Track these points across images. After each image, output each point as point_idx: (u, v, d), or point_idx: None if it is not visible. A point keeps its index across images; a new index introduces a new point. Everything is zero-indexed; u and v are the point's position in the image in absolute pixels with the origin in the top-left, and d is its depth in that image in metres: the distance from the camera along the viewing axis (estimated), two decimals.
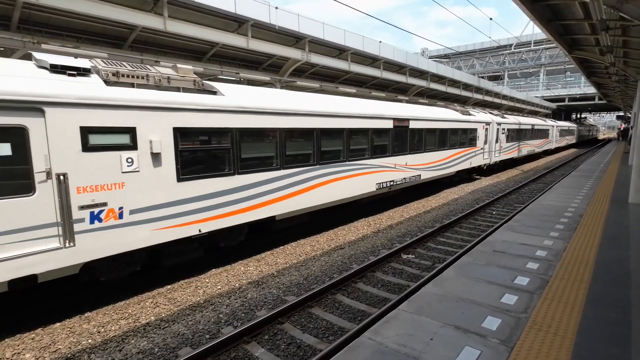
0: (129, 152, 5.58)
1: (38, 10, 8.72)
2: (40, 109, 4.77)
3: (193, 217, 6.47)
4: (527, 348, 3.04)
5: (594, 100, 45.28)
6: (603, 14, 8.87)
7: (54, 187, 4.92)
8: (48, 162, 4.86)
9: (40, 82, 4.86)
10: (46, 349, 4.75)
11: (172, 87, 6.32)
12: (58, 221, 4.98)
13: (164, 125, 5.97)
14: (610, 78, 19.70)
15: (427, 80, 23.09)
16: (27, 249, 4.75)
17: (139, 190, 5.74)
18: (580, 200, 9.14)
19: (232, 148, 6.95)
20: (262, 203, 7.65)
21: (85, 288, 6.39)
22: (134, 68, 6.06)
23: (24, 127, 4.68)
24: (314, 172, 8.76)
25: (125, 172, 5.57)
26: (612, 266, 4.80)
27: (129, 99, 5.55)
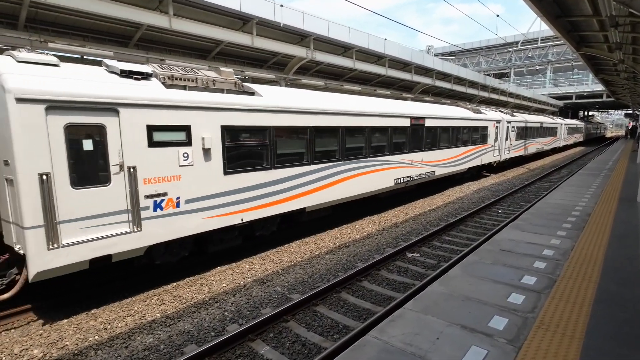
0: (185, 148, 6.27)
1: (45, 9, 8.76)
2: (115, 109, 5.43)
3: (236, 207, 7.17)
4: (534, 348, 3.01)
5: (601, 98, 44.72)
6: (612, 10, 8.74)
7: (126, 179, 5.59)
8: (121, 156, 5.53)
9: (114, 86, 5.50)
10: (54, 345, 4.80)
11: (216, 89, 6.90)
12: (128, 208, 5.65)
13: (214, 123, 6.64)
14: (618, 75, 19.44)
15: (432, 78, 22.93)
16: (104, 232, 5.41)
17: (192, 182, 6.42)
18: (588, 199, 9.04)
19: (269, 145, 7.62)
20: (295, 195, 8.31)
21: (91, 285, 6.44)
22: (185, 72, 6.72)
23: (102, 125, 5.35)
24: (339, 167, 9.40)
25: (182, 166, 6.26)
26: (621, 265, 4.74)
27: (186, 100, 6.23)
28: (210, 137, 6.56)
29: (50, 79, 4.98)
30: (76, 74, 5.34)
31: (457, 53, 55.69)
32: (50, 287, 6.17)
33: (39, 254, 4.86)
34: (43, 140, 4.82)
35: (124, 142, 5.53)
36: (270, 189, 7.74)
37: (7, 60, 5.00)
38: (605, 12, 8.93)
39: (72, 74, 5.28)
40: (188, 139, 6.29)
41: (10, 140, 4.65)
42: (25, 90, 4.67)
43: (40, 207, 4.83)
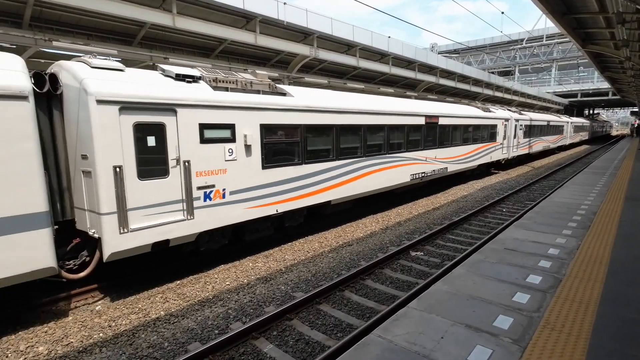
0: (229, 144, 6.92)
1: (49, 8, 8.79)
2: (174, 109, 6.05)
3: (272, 199, 7.82)
4: (540, 348, 2.99)
5: (607, 96, 44.32)
6: (620, 7, 8.65)
7: (181, 172, 6.21)
8: (178, 152, 6.15)
9: (172, 88, 6.13)
10: (59, 342, 4.83)
11: (253, 90, 7.51)
12: (183, 198, 6.28)
13: (254, 122, 7.29)
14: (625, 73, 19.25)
15: (436, 76, 22.82)
16: (164, 219, 6.05)
17: (236, 175, 7.07)
18: (593, 198, 8.96)
19: (300, 142, 8.27)
20: (322, 189, 8.98)
21: (94, 282, 6.48)
22: (226, 75, 7.36)
23: (163, 123, 5.96)
24: (360, 163, 10.04)
25: (227, 160, 6.92)
26: (628, 265, 4.69)
27: (230, 100, 6.87)
28: (251, 134, 7.21)
29: (121, 83, 5.59)
30: (139, 78, 5.98)
31: (461, 51, 55.38)
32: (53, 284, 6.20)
33: (112, 238, 5.49)
34: (117, 137, 5.44)
35: (180, 139, 6.17)
36: (300, 182, 8.39)
37: (83, 67, 5.56)
38: (612, 8, 8.84)
39: (136, 78, 5.91)
40: (232, 136, 6.95)
41: (90, 137, 5.24)
42: (103, 93, 5.28)
43: (114, 196, 5.46)
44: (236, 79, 7.31)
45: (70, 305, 5.93)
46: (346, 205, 10.36)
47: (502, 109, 21.35)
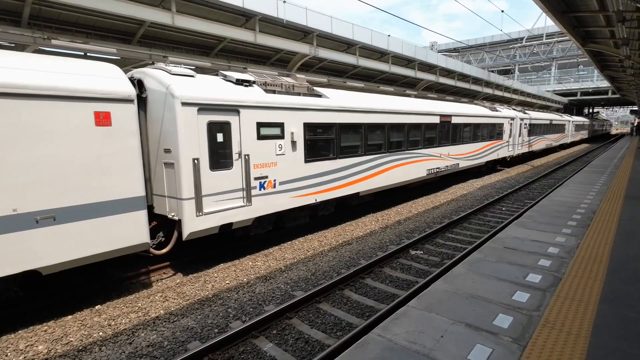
0: (279, 141, 7.80)
1: (48, 6, 8.76)
2: (237, 110, 6.93)
3: (312, 189, 8.72)
4: (540, 346, 2.99)
5: (607, 95, 44.31)
6: (620, 5, 8.63)
7: (242, 164, 7.12)
8: (240, 147, 7.04)
9: (235, 92, 6.99)
10: (58, 341, 4.82)
11: (295, 92, 8.35)
12: (243, 187, 7.17)
13: (298, 120, 8.17)
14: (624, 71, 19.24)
15: (436, 75, 22.79)
16: (228, 205, 6.95)
17: (284, 168, 7.97)
18: (593, 197, 8.96)
19: (335, 138, 9.18)
20: (352, 182, 9.87)
21: (94, 281, 6.48)
22: (273, 79, 8.19)
23: (229, 122, 6.83)
24: (384, 158, 10.95)
25: (277, 155, 7.80)
26: (628, 263, 4.69)
27: (280, 102, 7.75)
28: (296, 131, 8.12)
29: (197, 88, 6.46)
30: (208, 83, 6.85)
31: (461, 49, 55.28)
32: (52, 283, 6.20)
33: (190, 220, 6.38)
34: (195, 133, 6.32)
35: (242, 135, 7.06)
36: (334, 175, 9.33)
37: (165, 74, 6.43)
38: (613, 7, 8.82)
39: (205, 83, 6.77)
40: (282, 133, 7.84)
41: (175, 134, 6.11)
42: (186, 96, 6.18)
43: (192, 184, 6.32)
44: (281, 82, 8.18)
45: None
46: (368, 198, 11.21)
47: (508, 109, 22.05)
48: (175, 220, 6.46)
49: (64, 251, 5.06)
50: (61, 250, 5.02)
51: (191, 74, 6.78)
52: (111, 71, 5.68)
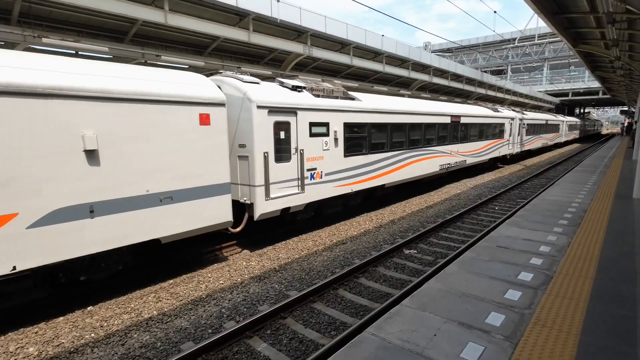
0: (325, 138, 9.09)
1: (38, 4, 8.65)
2: (295, 112, 8.24)
3: (349, 180, 9.99)
4: (531, 344, 3.02)
5: (597, 95, 44.87)
6: (610, 7, 8.74)
7: (298, 158, 8.41)
8: (296, 143, 8.35)
9: (292, 96, 8.28)
10: (49, 343, 4.77)
11: (334, 96, 9.59)
12: (298, 177, 8.48)
13: (339, 120, 9.46)
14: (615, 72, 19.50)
15: (429, 75, 22.91)
16: (287, 192, 8.24)
17: (329, 161, 9.27)
18: (584, 196, 9.08)
19: (367, 136, 10.48)
20: (380, 174, 11.16)
21: (87, 282, 6.41)
22: (317, 85, 9.51)
23: (289, 122, 8.14)
24: (404, 154, 12.23)
25: (324, 150, 9.11)
26: (617, 262, 4.76)
27: (326, 104, 9.07)
28: (338, 130, 9.43)
29: (265, 93, 7.71)
30: (271, 89, 8.05)
31: (454, 50, 55.63)
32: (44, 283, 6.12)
33: (261, 203, 7.65)
34: (266, 132, 7.59)
35: (299, 133, 8.34)
36: (366, 168, 10.56)
37: (239, 82, 7.74)
38: (603, 8, 8.94)
39: (269, 89, 8.01)
40: (327, 131, 9.12)
41: (251, 132, 7.39)
42: (260, 101, 7.44)
43: (263, 173, 7.59)
44: (323, 87, 9.44)
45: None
46: (389, 190, 12.41)
47: (508, 109, 23.39)
48: (246, 204, 7.73)
49: (177, 225, 6.26)
50: (175, 224, 6.24)
51: (257, 82, 8.07)
52: (204, 80, 6.84)
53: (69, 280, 5.61)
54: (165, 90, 5.95)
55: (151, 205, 5.84)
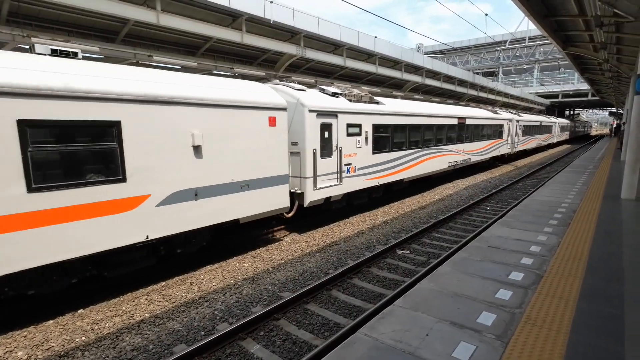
0: (358, 137, 10.41)
1: (27, 3, 8.54)
2: (336, 115, 9.56)
3: (376, 174, 11.40)
4: (522, 343, 3.06)
5: (587, 97, 45.59)
6: (597, 10, 8.89)
7: (338, 154, 9.72)
8: (336, 141, 9.66)
9: (333, 101, 9.65)
10: (39, 347, 4.70)
11: (362, 100, 10.87)
12: (338, 171, 9.79)
13: (369, 122, 10.82)
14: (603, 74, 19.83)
15: (422, 76, 23.08)
16: (329, 183, 9.56)
17: (361, 158, 10.62)
18: (573, 196, 9.21)
19: (390, 136, 11.84)
20: (399, 170, 12.53)
21: (79, 285, 6.33)
22: (349, 91, 10.81)
23: (331, 123, 9.44)
24: (419, 152, 13.60)
25: (357, 148, 10.40)
26: (606, 261, 4.84)
27: (359, 108, 10.41)
28: (368, 130, 10.78)
29: (313, 99, 9.06)
30: (315, 95, 9.43)
31: (447, 51, 56.10)
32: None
33: (310, 192, 8.99)
34: (314, 131, 8.91)
35: (339, 133, 9.68)
36: (389, 164, 11.93)
37: (291, 89, 9.11)
38: (591, 12, 9.08)
39: (315, 96, 9.34)
40: (360, 132, 10.46)
41: (303, 132, 8.70)
42: (310, 105, 8.78)
43: (312, 167, 8.92)
44: (354, 93, 10.81)
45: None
46: (404, 185, 13.57)
47: (506, 112, 25.03)
48: (297, 194, 8.99)
49: (251, 208, 7.61)
50: (250, 207, 7.58)
51: (304, 89, 9.44)
52: (269, 89, 8.23)
53: (168, 253, 6.77)
54: (246, 98, 7.31)
55: (235, 191, 7.25)
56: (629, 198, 8.67)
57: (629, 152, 8.55)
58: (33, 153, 4.70)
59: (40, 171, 4.79)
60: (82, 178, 5.18)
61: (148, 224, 5.90)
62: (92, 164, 5.30)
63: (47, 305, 5.76)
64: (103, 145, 5.36)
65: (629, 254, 5.12)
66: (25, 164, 4.63)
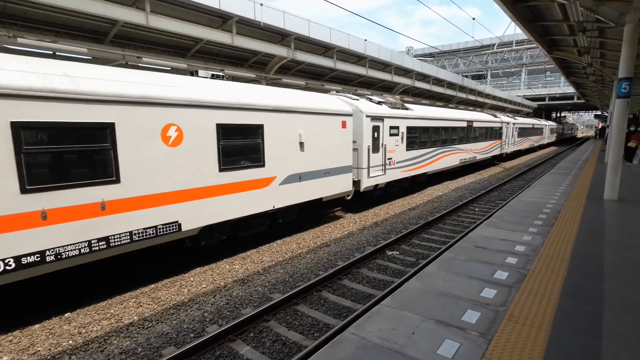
0: (396, 137, 12.83)
1: (13, 3, 8.43)
2: (382, 119, 11.89)
3: (408, 168, 13.88)
4: (504, 340, 3.14)
5: (573, 100, 46.55)
6: (580, 16, 9.12)
7: (383, 150, 12.10)
8: (382, 140, 12.03)
9: (380, 108, 12.02)
10: (24, 351, 4.64)
11: (396, 106, 13.23)
12: (383, 164, 12.21)
13: (404, 124, 13.29)
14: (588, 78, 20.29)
15: (412, 79, 23.31)
16: (377, 173, 12.00)
17: (398, 154, 13.07)
18: (558, 197, 9.42)
19: (418, 136, 14.35)
20: (424, 165, 15.06)
21: (65, 288, 6.26)
22: (388, 99, 13.39)
23: (379, 126, 11.80)
24: (438, 150, 16.16)
25: (396, 145, 12.85)
26: (588, 260, 4.98)
27: (398, 113, 12.84)
28: (404, 132, 13.27)
29: (367, 106, 11.48)
30: (367, 103, 11.78)
31: (436, 54, 56.71)
32: (20, 290, 5.95)
33: (365, 179, 11.42)
34: (369, 132, 11.32)
35: (383, 133, 12.08)
36: (417, 160, 14.42)
37: (350, 99, 11.40)
38: (574, 17, 9.32)
39: (367, 104, 11.72)
40: (398, 132, 12.91)
41: (361, 132, 11.06)
42: (367, 111, 11.18)
43: (367, 160, 11.33)
44: (391, 101, 13.25)
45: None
46: (423, 178, 15.65)
47: (503, 115, 28.07)
48: (354, 181, 11.13)
49: (329, 190, 9.97)
50: (329, 189, 9.92)
51: (358, 99, 11.93)
52: (340, 99, 11.00)
53: (273, 223, 8.90)
54: (328, 106, 9.72)
55: (321, 176, 9.58)
56: (611, 199, 8.90)
57: (611, 154, 8.78)
58: (223, 146, 7.07)
59: (227, 158, 7.18)
60: (244, 163, 7.58)
61: (274, 197, 8.28)
62: (249, 154, 7.68)
63: (33, 309, 5.68)
64: (254, 141, 7.72)
65: (610, 252, 5.27)
66: (218, 155, 6.99)
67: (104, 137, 5.38)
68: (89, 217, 5.28)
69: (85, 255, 5.29)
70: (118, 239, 5.63)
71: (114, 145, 5.47)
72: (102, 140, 5.36)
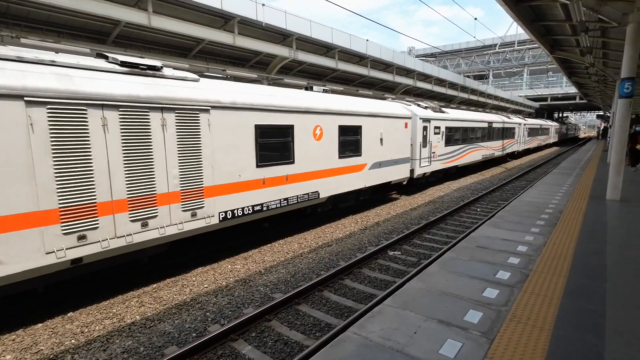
0: (438, 135, 15.70)
1: (16, 4, 8.47)
2: (429, 120, 14.94)
3: (445, 161, 16.69)
4: (506, 339, 3.14)
5: (575, 100, 46.41)
6: (582, 16, 9.10)
7: (429, 145, 15.09)
8: (430, 137, 15.06)
9: (427, 112, 15.01)
10: (27, 350, 4.66)
11: (436, 110, 15.84)
12: (430, 157, 15.22)
13: (444, 125, 16.10)
14: (590, 78, 20.22)
15: (413, 79, 23.29)
16: (425, 164, 14.96)
17: (439, 149, 15.88)
18: (560, 197, 9.39)
19: (452, 134, 17.13)
20: (456, 159, 17.88)
21: (68, 288, 6.29)
22: (429, 104, 16.09)
23: (427, 126, 14.79)
24: (466, 147, 19.07)
25: (437, 142, 15.70)
26: (590, 260, 4.97)
27: (440, 116, 15.83)
28: (443, 131, 16.03)
29: (419, 110, 14.28)
30: (418, 107, 14.59)
31: (438, 54, 56.63)
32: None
33: (418, 168, 14.30)
34: (420, 131, 14.33)
35: (430, 132, 14.90)
36: (452, 154, 17.28)
37: (406, 105, 14.37)
38: (576, 17, 9.30)
39: (418, 108, 14.61)
40: (439, 132, 15.67)
41: (415, 132, 14.05)
42: (420, 115, 14.23)
43: (419, 153, 14.29)
44: (433, 106, 16.04)
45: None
46: (454, 170, 18.47)
47: (515, 117, 31.19)
48: (410, 170, 13.61)
49: (395, 176, 12.52)
50: (394, 175, 12.50)
51: (410, 104, 14.65)
52: (402, 104, 13.90)
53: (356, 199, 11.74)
54: (396, 111, 12.35)
55: (391, 165, 12.24)
56: (614, 199, 8.87)
57: (614, 154, 8.76)
58: (341, 141, 9.89)
59: (343, 149, 9.98)
60: (350, 153, 10.37)
61: (365, 179, 11.08)
62: (353, 146, 10.46)
63: (36, 309, 5.71)
64: (356, 137, 10.52)
65: (612, 252, 5.26)
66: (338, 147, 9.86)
67: (289, 134, 8.29)
68: (281, 184, 8.20)
69: (277, 209, 8.16)
70: (291, 200, 8.53)
71: (293, 139, 8.36)
72: (288, 136, 8.25)
